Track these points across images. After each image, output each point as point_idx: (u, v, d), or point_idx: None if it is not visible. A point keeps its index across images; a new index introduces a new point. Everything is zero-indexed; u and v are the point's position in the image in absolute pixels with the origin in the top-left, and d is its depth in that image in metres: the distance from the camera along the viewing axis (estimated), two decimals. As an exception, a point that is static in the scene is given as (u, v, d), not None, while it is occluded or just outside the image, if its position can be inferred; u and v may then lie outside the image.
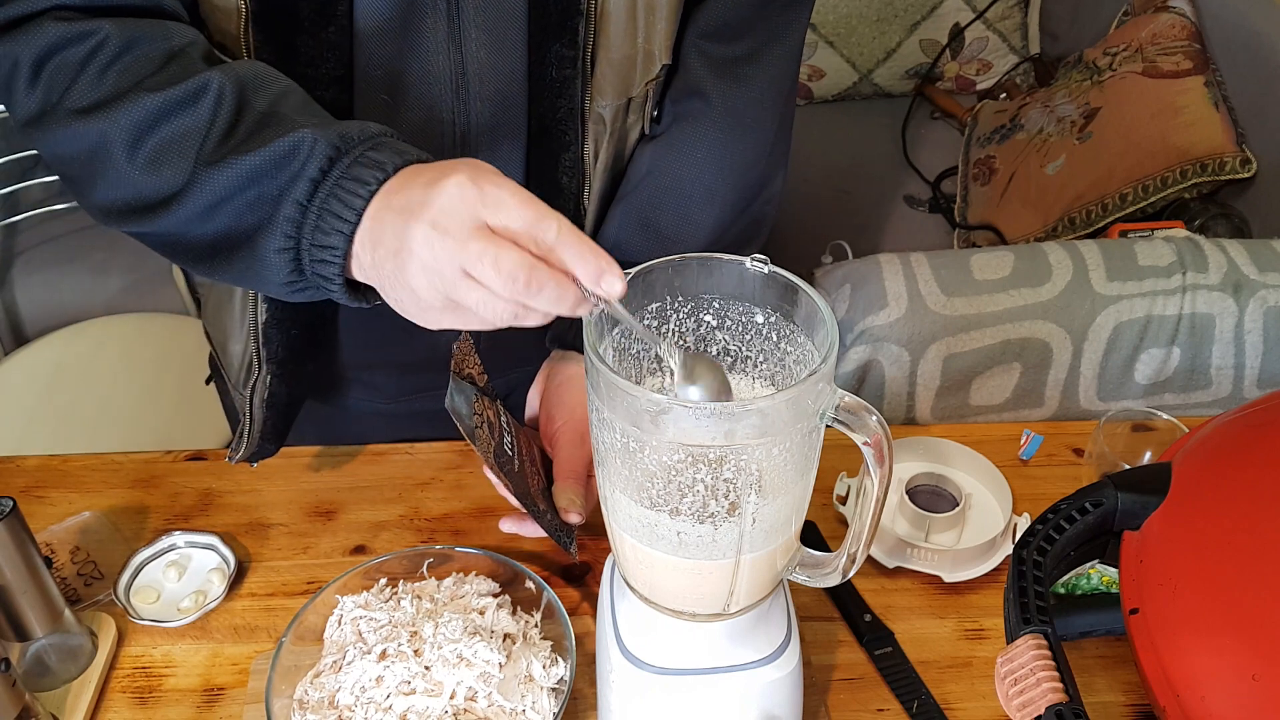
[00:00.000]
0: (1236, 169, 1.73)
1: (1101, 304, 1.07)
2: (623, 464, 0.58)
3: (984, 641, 0.84)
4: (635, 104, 0.87)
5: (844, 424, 0.57)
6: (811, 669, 0.82)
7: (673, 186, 0.89)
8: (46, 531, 0.92)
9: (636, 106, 0.87)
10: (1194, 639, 0.64)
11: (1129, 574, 0.72)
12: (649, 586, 0.65)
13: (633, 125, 0.89)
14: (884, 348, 1.09)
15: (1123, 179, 1.81)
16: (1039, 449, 1.00)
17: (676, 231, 0.90)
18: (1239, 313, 1.06)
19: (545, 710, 0.72)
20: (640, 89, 0.86)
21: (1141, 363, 1.09)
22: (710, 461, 0.55)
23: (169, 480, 0.98)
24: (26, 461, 1.01)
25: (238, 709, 0.80)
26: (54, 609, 0.79)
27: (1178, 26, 1.92)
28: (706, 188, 0.89)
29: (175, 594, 0.88)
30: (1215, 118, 1.79)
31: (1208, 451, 0.74)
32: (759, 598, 0.66)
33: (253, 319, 0.86)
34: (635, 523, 0.60)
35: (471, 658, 0.72)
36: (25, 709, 0.72)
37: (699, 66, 0.87)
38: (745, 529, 0.59)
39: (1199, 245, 1.10)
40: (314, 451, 1.02)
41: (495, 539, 0.93)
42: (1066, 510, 0.75)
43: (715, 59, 0.86)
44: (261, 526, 0.95)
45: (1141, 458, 0.96)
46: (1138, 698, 0.79)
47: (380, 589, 0.81)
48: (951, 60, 2.41)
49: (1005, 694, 0.66)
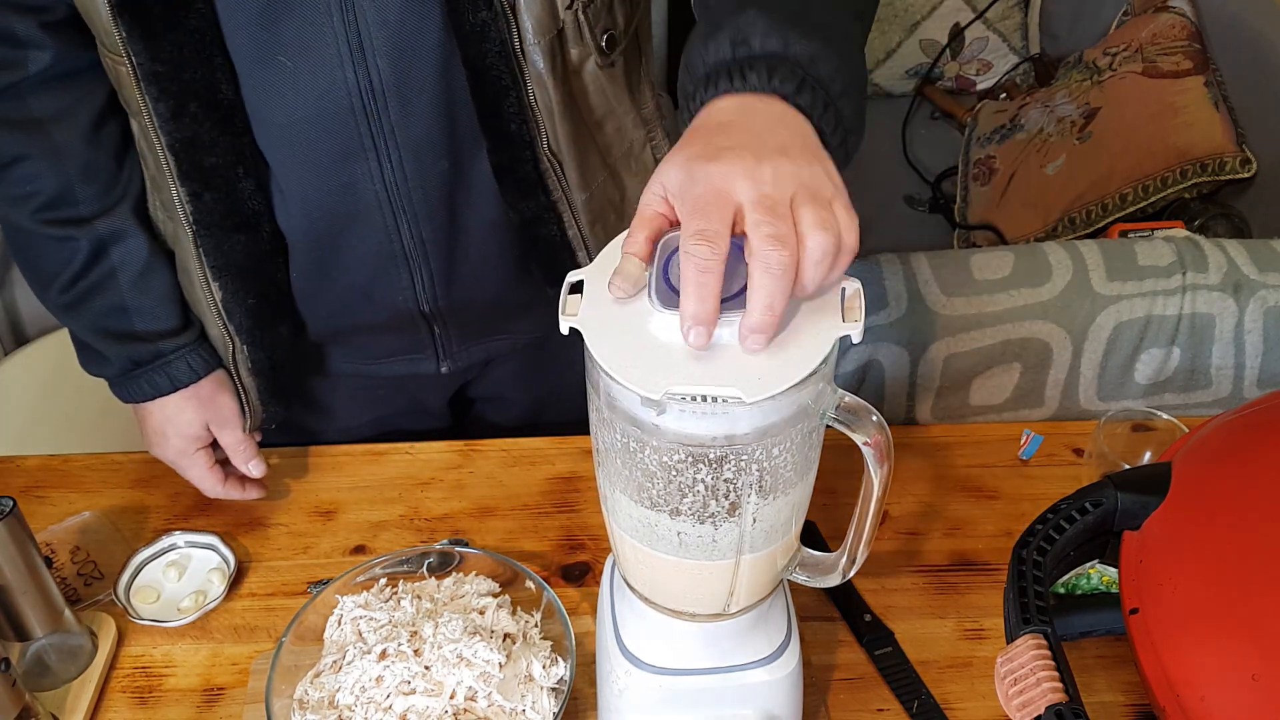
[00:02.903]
0: (1236, 169, 1.73)
1: (1101, 304, 1.07)
2: (623, 464, 0.58)
3: (984, 641, 0.84)
4: (570, 36, 0.81)
5: (844, 424, 0.57)
6: (811, 669, 0.82)
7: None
8: (46, 531, 0.92)
9: (573, 38, 0.82)
10: (1194, 639, 0.64)
11: (1129, 574, 0.72)
12: (649, 586, 0.65)
13: (581, 60, 0.83)
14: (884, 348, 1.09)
15: (1123, 179, 1.81)
16: (1039, 449, 1.00)
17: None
18: (1239, 313, 1.06)
19: (545, 710, 0.72)
20: (567, 16, 0.80)
21: (1141, 363, 1.08)
22: (710, 461, 0.55)
23: (169, 480, 0.98)
24: (26, 461, 1.01)
25: (238, 709, 0.80)
26: (54, 609, 0.79)
27: (1178, 26, 1.92)
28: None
29: (175, 594, 0.88)
30: (1215, 118, 1.79)
31: (1208, 451, 0.74)
32: (759, 598, 0.66)
33: (211, 298, 0.89)
34: (635, 523, 0.60)
35: (471, 658, 0.72)
36: (25, 709, 0.72)
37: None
38: (745, 529, 0.59)
39: (1199, 245, 1.10)
40: (314, 451, 1.02)
41: (495, 539, 0.93)
42: (1066, 510, 0.75)
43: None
44: (261, 526, 0.95)
45: (1141, 458, 0.96)
46: (1138, 698, 0.79)
47: (380, 589, 0.81)
48: (951, 60, 2.41)
49: (1005, 694, 0.66)
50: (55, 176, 0.85)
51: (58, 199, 0.86)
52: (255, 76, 0.81)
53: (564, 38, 0.81)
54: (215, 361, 0.94)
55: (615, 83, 0.87)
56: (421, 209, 0.88)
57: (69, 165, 0.85)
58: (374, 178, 0.85)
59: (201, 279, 0.89)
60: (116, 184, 0.88)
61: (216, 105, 0.80)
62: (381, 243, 0.90)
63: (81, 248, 0.88)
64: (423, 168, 0.86)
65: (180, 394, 0.92)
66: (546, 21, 0.79)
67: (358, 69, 0.80)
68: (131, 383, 0.92)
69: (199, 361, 0.93)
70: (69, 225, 0.87)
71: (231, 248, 0.87)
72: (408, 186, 0.86)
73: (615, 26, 0.85)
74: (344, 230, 0.89)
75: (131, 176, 0.89)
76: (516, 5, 0.78)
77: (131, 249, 0.89)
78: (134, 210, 0.89)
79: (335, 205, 0.87)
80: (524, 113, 0.82)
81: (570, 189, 0.87)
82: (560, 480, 0.99)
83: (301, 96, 0.81)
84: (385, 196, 0.87)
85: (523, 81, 0.81)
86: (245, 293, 0.90)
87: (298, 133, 0.84)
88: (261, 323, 0.92)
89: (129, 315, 0.90)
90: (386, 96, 0.82)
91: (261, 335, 0.92)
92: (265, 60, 0.80)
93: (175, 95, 0.79)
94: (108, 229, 0.88)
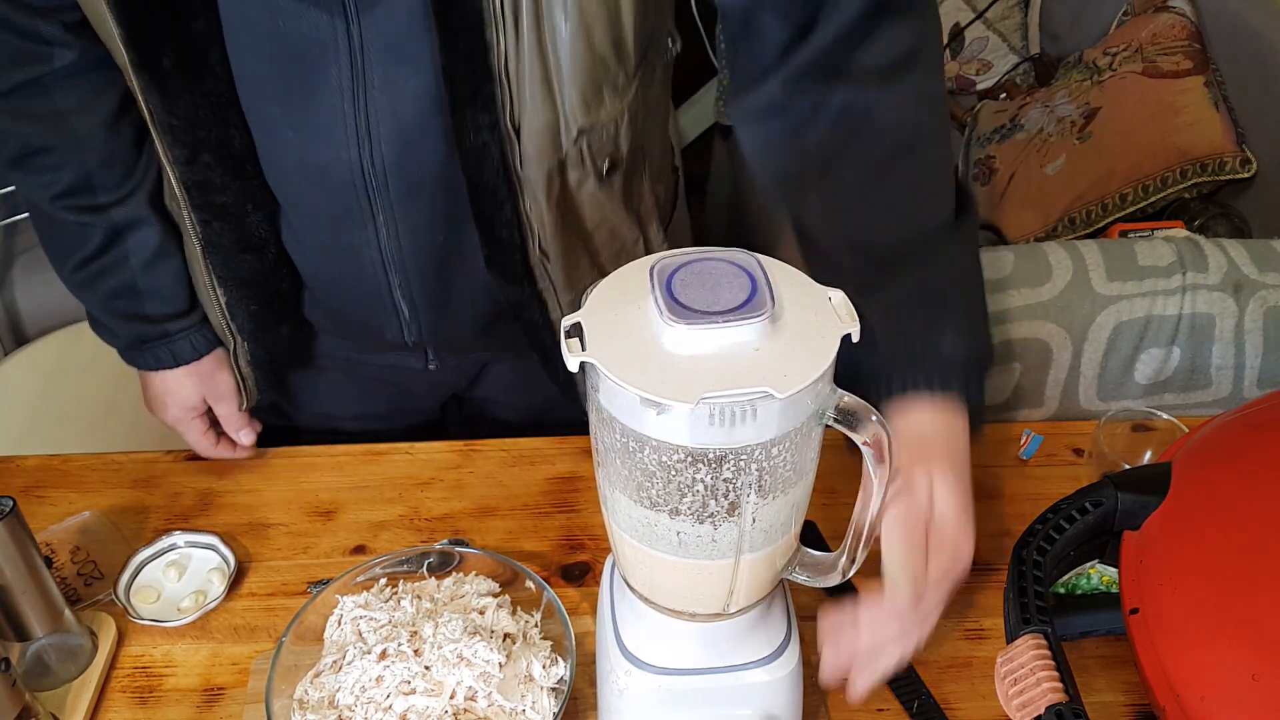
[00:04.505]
0: (1236, 169, 1.73)
1: (1101, 304, 1.07)
2: (622, 464, 0.58)
3: (984, 641, 0.84)
4: (571, 162, 0.83)
5: (844, 424, 0.57)
6: (811, 669, 0.82)
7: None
8: (46, 531, 0.92)
9: (574, 164, 0.83)
10: (1194, 639, 0.64)
11: (1129, 574, 0.72)
12: (649, 586, 0.65)
13: (579, 182, 0.85)
14: (884, 348, 1.09)
15: (1123, 179, 1.81)
16: (1039, 449, 1.00)
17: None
18: (1239, 313, 1.06)
19: (545, 710, 0.72)
20: (571, 149, 0.82)
21: (1141, 363, 1.08)
22: (710, 461, 0.55)
23: (169, 480, 0.98)
24: (26, 461, 1.01)
25: (238, 709, 0.80)
26: (54, 609, 0.79)
27: (1178, 26, 1.92)
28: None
29: (175, 594, 0.88)
30: (1215, 118, 1.79)
31: (1208, 451, 0.75)
32: (759, 598, 0.66)
33: (216, 301, 0.93)
34: (635, 522, 0.60)
35: (471, 658, 0.72)
36: (25, 709, 0.72)
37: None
38: (745, 529, 0.59)
39: (1199, 245, 1.10)
40: (314, 451, 1.02)
41: (495, 539, 0.93)
42: (1066, 510, 0.75)
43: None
44: (261, 526, 0.95)
45: (1141, 458, 0.96)
46: (1138, 698, 0.79)
47: (380, 589, 0.81)
48: (951, 60, 2.41)
49: (1005, 694, 0.66)
50: (76, 166, 0.88)
51: (77, 187, 0.89)
52: (265, 143, 0.84)
53: (565, 165, 0.83)
54: (217, 341, 0.99)
55: (612, 196, 0.89)
56: (414, 272, 0.91)
57: (89, 155, 0.88)
58: (370, 243, 0.88)
59: (207, 283, 0.92)
60: (134, 173, 0.90)
61: (229, 156, 0.83)
62: (375, 292, 0.93)
63: (96, 233, 0.91)
64: (418, 239, 0.88)
65: (182, 369, 0.98)
66: (548, 150, 0.81)
67: (362, 151, 0.82)
68: (137, 354, 0.98)
69: (202, 341, 0.98)
70: (86, 212, 0.90)
71: (238, 265, 0.90)
72: (401, 255, 0.89)
73: (618, 153, 0.86)
74: (342, 275, 0.93)
75: (149, 165, 0.91)
76: (520, 133, 0.79)
77: (145, 236, 0.92)
78: (150, 199, 0.92)
79: (334, 256, 0.91)
80: (517, 219, 0.84)
81: (557, 286, 0.90)
82: (560, 480, 0.99)
83: (307, 169, 0.84)
84: (380, 260, 0.90)
85: (519, 194, 0.83)
86: (249, 299, 0.93)
87: (302, 193, 0.87)
88: (263, 325, 0.95)
89: (139, 297, 0.94)
90: (388, 178, 0.84)
91: (263, 335, 0.96)
92: (274, 131, 0.83)
93: (189, 145, 0.82)
94: (123, 217, 0.91)
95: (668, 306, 0.54)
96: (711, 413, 0.53)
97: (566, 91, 0.78)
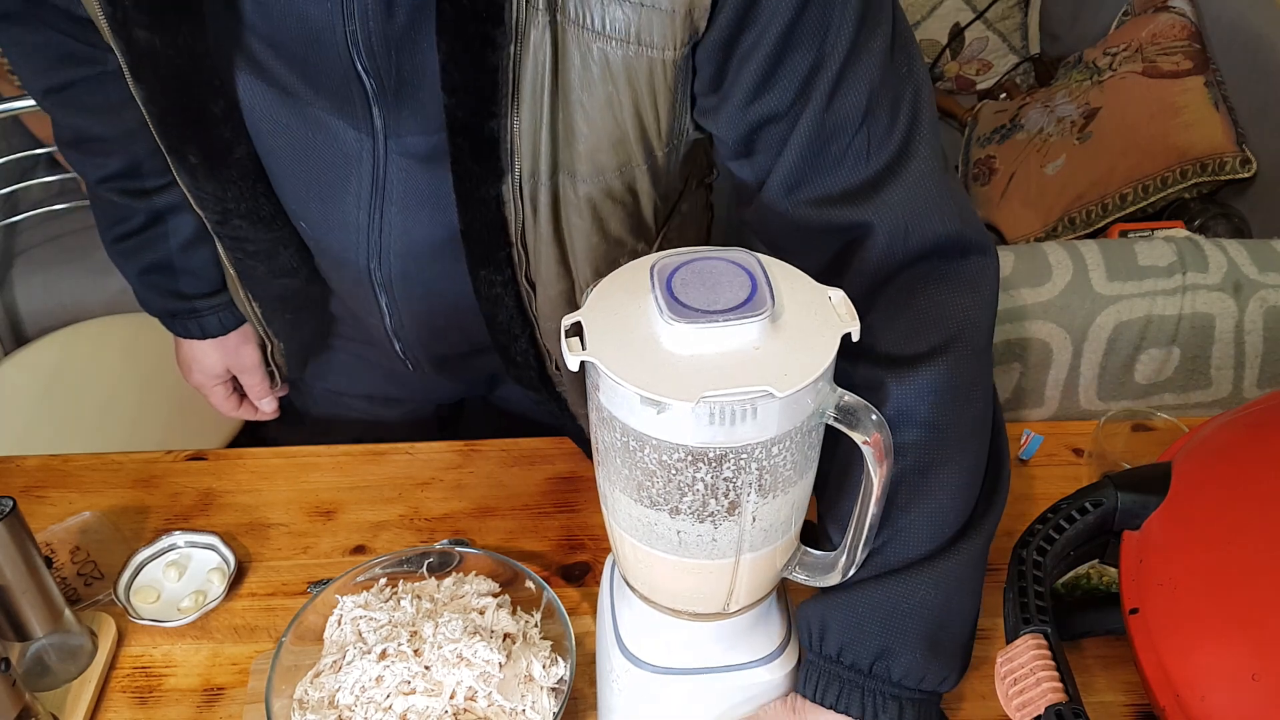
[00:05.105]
0: (1236, 169, 1.73)
1: (1101, 304, 1.07)
2: (623, 463, 0.58)
3: (984, 641, 0.84)
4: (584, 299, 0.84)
5: (844, 423, 0.57)
6: (811, 669, 0.82)
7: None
8: (46, 531, 0.92)
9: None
10: (1194, 639, 0.64)
11: (1129, 574, 0.72)
12: (649, 586, 0.65)
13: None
14: (884, 348, 1.09)
15: (1123, 179, 1.81)
16: (1039, 449, 1.00)
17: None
18: (1239, 313, 1.06)
19: (545, 710, 0.72)
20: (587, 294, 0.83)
21: (1141, 363, 1.09)
22: (710, 460, 0.55)
23: (169, 480, 0.98)
24: (26, 461, 1.01)
25: (238, 709, 0.80)
26: (54, 609, 0.79)
27: (1178, 26, 1.92)
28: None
29: (175, 594, 0.88)
30: (1215, 118, 1.79)
31: (1208, 451, 0.74)
32: (759, 597, 0.66)
33: (252, 310, 0.99)
34: (635, 522, 0.60)
35: (471, 657, 0.72)
36: (25, 709, 0.72)
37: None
38: (745, 528, 0.59)
39: (1199, 245, 1.10)
40: (314, 451, 1.02)
41: (495, 539, 0.93)
42: (1066, 510, 0.75)
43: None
44: (261, 526, 0.95)
45: (1141, 458, 0.96)
46: (1138, 698, 0.79)
47: (380, 589, 0.81)
48: (951, 60, 2.41)
49: (1005, 694, 0.66)
50: (126, 154, 0.94)
51: (125, 172, 0.95)
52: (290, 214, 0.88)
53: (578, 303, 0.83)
54: (243, 318, 1.05)
55: None
56: (419, 347, 0.96)
57: (139, 146, 0.93)
58: (372, 312, 0.92)
59: (243, 298, 0.98)
60: None
61: (260, 219, 0.86)
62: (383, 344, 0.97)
63: (140, 214, 0.97)
64: (422, 330, 0.93)
65: (209, 341, 1.05)
66: (564, 307, 0.83)
67: (371, 260, 0.86)
68: (170, 321, 1.05)
69: (230, 318, 1.05)
70: (131, 195, 0.96)
71: (271, 286, 0.94)
72: (405, 331, 0.94)
73: None
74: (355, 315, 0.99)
75: None
76: (535, 288, 0.82)
77: (184, 221, 0.98)
78: None
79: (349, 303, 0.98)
80: (529, 352, 0.89)
81: (567, 385, 0.93)
82: (560, 480, 0.99)
83: (322, 252, 0.90)
84: (388, 327, 0.93)
85: (536, 329, 0.86)
86: (283, 310, 0.99)
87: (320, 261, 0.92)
88: (296, 327, 1.02)
89: (174, 274, 1.01)
90: (393, 286, 0.88)
91: (295, 335, 1.03)
92: (295, 215, 0.87)
93: (219, 211, 0.85)
94: (165, 203, 0.97)
95: (668, 305, 0.55)
96: (712, 412, 0.53)
97: (581, 269, 0.81)
